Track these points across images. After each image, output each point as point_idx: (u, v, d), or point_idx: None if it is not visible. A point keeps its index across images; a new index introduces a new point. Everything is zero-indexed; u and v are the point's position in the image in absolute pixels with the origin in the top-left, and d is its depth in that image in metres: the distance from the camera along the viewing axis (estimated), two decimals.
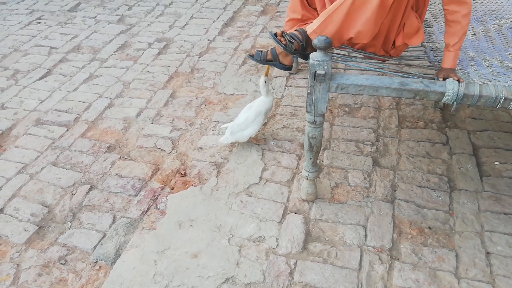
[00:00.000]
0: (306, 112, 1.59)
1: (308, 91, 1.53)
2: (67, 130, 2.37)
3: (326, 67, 1.45)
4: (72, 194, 1.96)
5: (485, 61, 1.71)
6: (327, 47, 1.45)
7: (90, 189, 1.98)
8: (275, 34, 1.70)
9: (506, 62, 1.69)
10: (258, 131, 2.16)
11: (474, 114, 2.30)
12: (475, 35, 1.96)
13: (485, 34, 1.95)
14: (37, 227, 1.80)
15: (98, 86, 2.77)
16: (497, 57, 1.74)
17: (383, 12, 1.60)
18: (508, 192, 1.84)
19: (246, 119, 2.07)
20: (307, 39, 1.70)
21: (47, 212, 1.87)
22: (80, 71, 2.95)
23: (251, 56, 2.11)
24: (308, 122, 1.61)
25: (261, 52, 2.08)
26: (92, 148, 2.24)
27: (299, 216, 1.78)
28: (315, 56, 1.46)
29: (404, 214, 1.77)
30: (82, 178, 2.05)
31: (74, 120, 2.46)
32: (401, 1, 1.59)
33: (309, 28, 1.68)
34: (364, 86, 1.48)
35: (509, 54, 1.76)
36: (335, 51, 2.02)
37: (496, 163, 1.99)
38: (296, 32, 1.69)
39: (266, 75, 2.05)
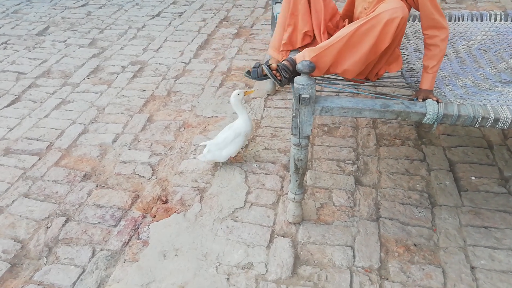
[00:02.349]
0: (292, 135, 1.59)
1: (293, 114, 1.53)
2: (39, 159, 2.27)
3: (310, 90, 1.47)
4: (47, 227, 1.85)
5: (459, 81, 1.79)
6: (311, 71, 1.47)
7: (67, 221, 1.88)
8: (270, 68, 1.68)
9: (479, 82, 1.77)
10: (239, 152, 2.14)
11: (447, 130, 2.38)
12: (447, 56, 2.05)
13: (456, 55, 2.05)
14: (10, 265, 1.68)
15: (71, 111, 2.68)
16: (470, 77, 1.82)
17: (373, 55, 1.64)
18: (485, 205, 1.90)
19: (224, 139, 2.07)
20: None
21: (20, 248, 1.76)
22: (51, 97, 2.84)
23: (248, 73, 1.89)
24: (294, 144, 1.61)
25: (256, 69, 1.86)
26: (66, 177, 2.14)
27: (287, 240, 1.76)
28: (299, 80, 1.47)
29: (390, 232, 1.79)
30: (57, 210, 1.94)
31: (46, 148, 2.35)
32: (392, 44, 1.64)
33: (299, 58, 1.68)
34: (348, 108, 1.51)
35: (481, 74, 1.85)
36: None
37: (472, 177, 2.06)
38: (286, 63, 1.69)
39: (246, 93, 2.06)
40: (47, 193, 2.04)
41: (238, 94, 2.05)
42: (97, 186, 2.09)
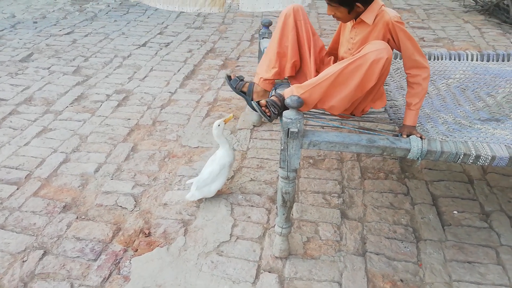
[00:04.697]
0: (280, 167, 1.60)
1: (282, 147, 1.54)
2: (17, 189, 2.19)
3: (299, 125, 1.49)
4: (23, 261, 1.77)
5: (440, 118, 1.85)
6: (299, 106, 1.50)
7: (44, 254, 1.80)
8: (259, 104, 1.71)
9: (459, 119, 1.83)
10: (224, 183, 2.13)
11: (429, 165, 2.44)
12: (428, 93, 2.12)
13: (436, 92, 2.13)
14: None
15: (53, 140, 2.63)
16: (450, 114, 1.89)
17: (359, 93, 1.69)
18: (468, 240, 1.92)
19: (211, 173, 2.04)
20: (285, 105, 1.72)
21: None
22: (32, 124, 2.79)
23: (229, 78, 2.03)
24: (282, 177, 1.62)
25: (239, 80, 2.03)
26: (45, 208, 2.07)
27: (273, 275, 1.72)
28: (288, 115, 1.49)
29: (376, 268, 1.78)
30: (34, 242, 1.86)
31: (25, 177, 2.28)
32: (378, 83, 1.70)
33: (287, 94, 1.70)
34: (335, 143, 1.53)
35: (460, 111, 1.92)
36: None
37: (455, 212, 2.09)
38: (274, 99, 1.72)
39: (225, 122, 2.06)
40: (24, 225, 1.96)
41: (219, 125, 2.04)
42: (77, 217, 2.02)
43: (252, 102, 1.74)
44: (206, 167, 2.09)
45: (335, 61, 2.04)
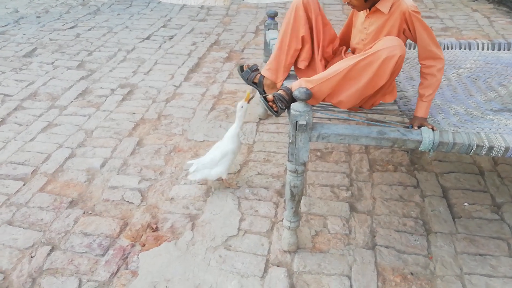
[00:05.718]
0: (288, 161, 1.57)
1: (290, 140, 1.52)
2: (24, 184, 2.19)
3: (307, 117, 1.46)
4: (31, 257, 1.77)
5: (451, 109, 1.81)
6: (308, 98, 1.47)
7: (52, 250, 1.80)
8: (266, 99, 1.67)
9: (471, 110, 1.80)
10: (231, 178, 2.11)
11: (439, 156, 2.40)
12: None
13: (447, 83, 2.09)
14: None
15: (58, 135, 2.62)
16: (462, 105, 1.85)
17: (370, 90, 1.66)
18: (479, 232, 1.89)
19: (211, 160, 2.05)
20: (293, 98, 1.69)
21: (2, 279, 1.66)
22: (38, 120, 2.78)
23: (241, 69, 1.98)
24: (290, 171, 1.59)
25: (251, 72, 1.97)
26: (52, 203, 2.06)
27: (282, 269, 1.71)
28: (296, 107, 1.47)
29: (386, 261, 1.76)
30: (42, 238, 1.86)
31: (31, 173, 2.27)
32: (389, 80, 1.66)
33: (295, 87, 1.65)
34: (345, 135, 1.50)
35: (472, 102, 1.88)
36: None
37: (465, 204, 2.06)
38: (282, 93, 1.68)
39: (246, 101, 2.01)
40: (32, 221, 1.96)
41: (242, 106, 2.00)
42: (84, 213, 2.01)
43: (259, 97, 1.71)
44: (209, 152, 2.11)
45: (346, 50, 2.00)
